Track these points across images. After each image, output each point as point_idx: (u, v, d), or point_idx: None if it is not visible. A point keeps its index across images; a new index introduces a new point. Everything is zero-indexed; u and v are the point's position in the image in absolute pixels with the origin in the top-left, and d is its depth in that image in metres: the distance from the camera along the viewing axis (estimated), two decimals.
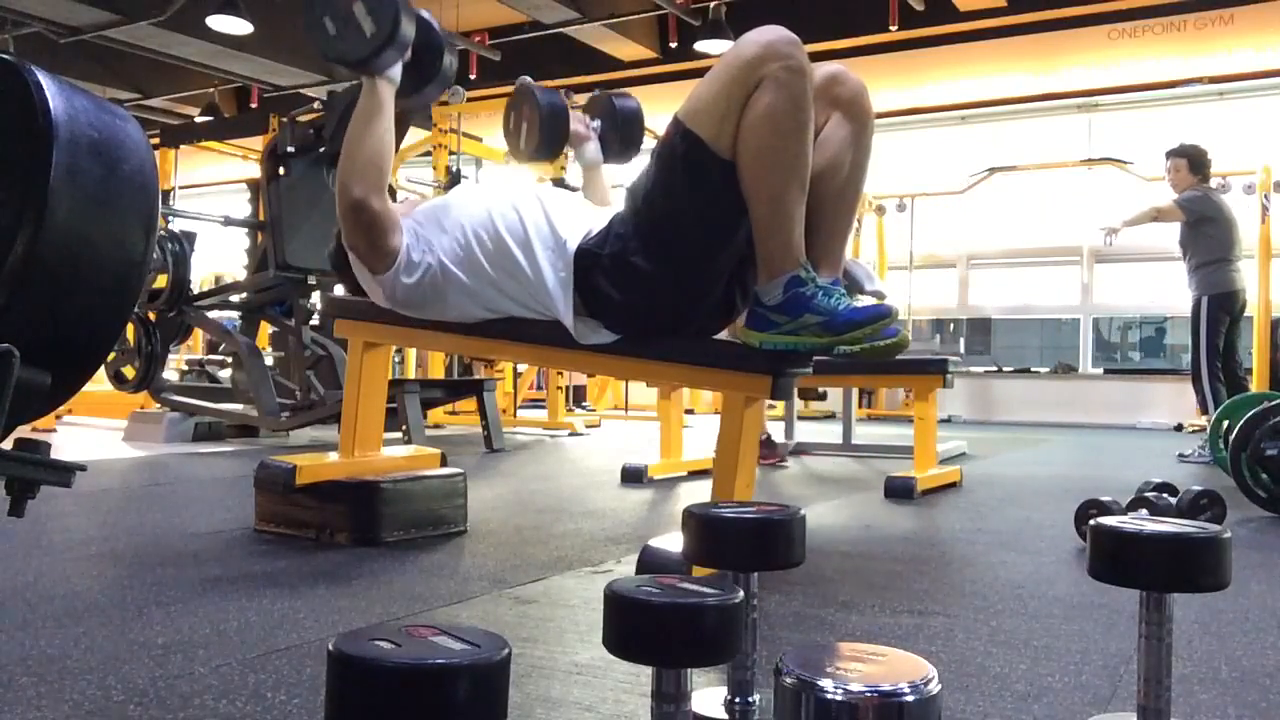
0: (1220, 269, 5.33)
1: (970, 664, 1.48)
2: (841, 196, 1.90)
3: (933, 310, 10.26)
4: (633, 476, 3.84)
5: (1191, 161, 5.43)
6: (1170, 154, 5.51)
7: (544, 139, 2.33)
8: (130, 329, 5.10)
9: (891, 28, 8.08)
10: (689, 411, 9.27)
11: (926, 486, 3.52)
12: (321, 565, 2.12)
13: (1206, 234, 5.31)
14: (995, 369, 9.97)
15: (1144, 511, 2.49)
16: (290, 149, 4.97)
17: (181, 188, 9.93)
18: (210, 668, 1.39)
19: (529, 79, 2.40)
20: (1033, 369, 9.97)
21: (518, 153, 2.42)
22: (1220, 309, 5.34)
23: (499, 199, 2.08)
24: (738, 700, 1.17)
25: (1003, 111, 9.36)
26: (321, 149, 5.02)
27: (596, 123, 2.50)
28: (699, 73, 1.95)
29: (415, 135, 7.23)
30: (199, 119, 10.20)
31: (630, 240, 1.89)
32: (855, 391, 6.40)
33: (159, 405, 5.44)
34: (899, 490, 3.41)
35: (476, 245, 2.03)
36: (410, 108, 2.26)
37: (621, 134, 2.51)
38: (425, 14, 2.16)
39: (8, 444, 1.23)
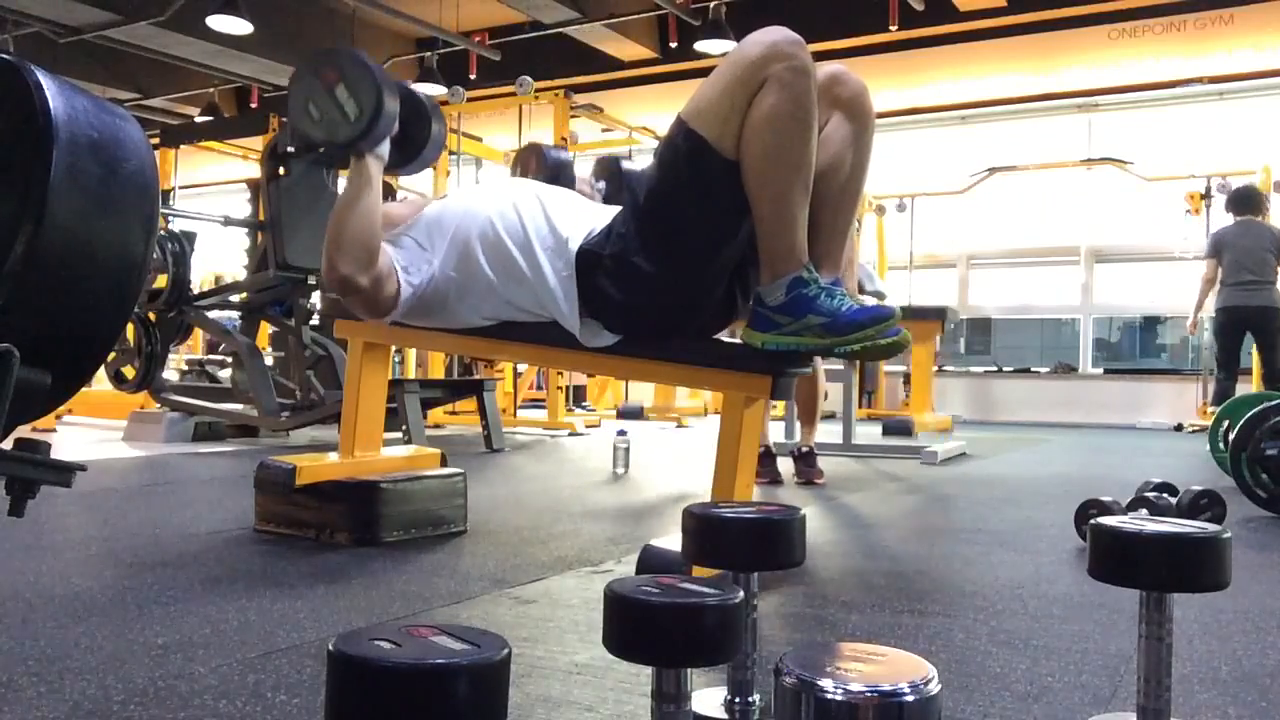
0: (1221, 290, 6.12)
1: (970, 664, 1.48)
2: (842, 196, 1.90)
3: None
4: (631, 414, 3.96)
5: (1230, 202, 6.42)
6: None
7: None
8: (130, 329, 5.10)
9: (891, 28, 8.08)
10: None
11: (924, 429, 3.63)
12: (321, 565, 2.12)
13: (1224, 262, 6.16)
14: (995, 369, 9.97)
15: (1144, 511, 2.49)
16: (290, 149, 4.97)
17: (181, 188, 9.93)
18: (210, 668, 1.39)
19: (539, 145, 2.47)
20: (1033, 369, 9.97)
21: None
22: (1223, 322, 6.14)
23: (497, 200, 2.08)
24: (738, 700, 1.17)
25: (1003, 111, 9.36)
26: (321, 149, 5.02)
27: (601, 184, 2.52)
28: (699, 73, 1.95)
29: None
30: (199, 119, 10.20)
31: (632, 240, 1.88)
32: (855, 391, 6.40)
33: (159, 405, 5.44)
34: (897, 429, 3.52)
35: (478, 248, 2.03)
36: (401, 175, 2.29)
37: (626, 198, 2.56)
38: (407, 84, 2.15)
39: (8, 444, 1.23)
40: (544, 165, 2.39)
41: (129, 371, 5.23)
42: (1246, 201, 6.30)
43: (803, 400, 4.10)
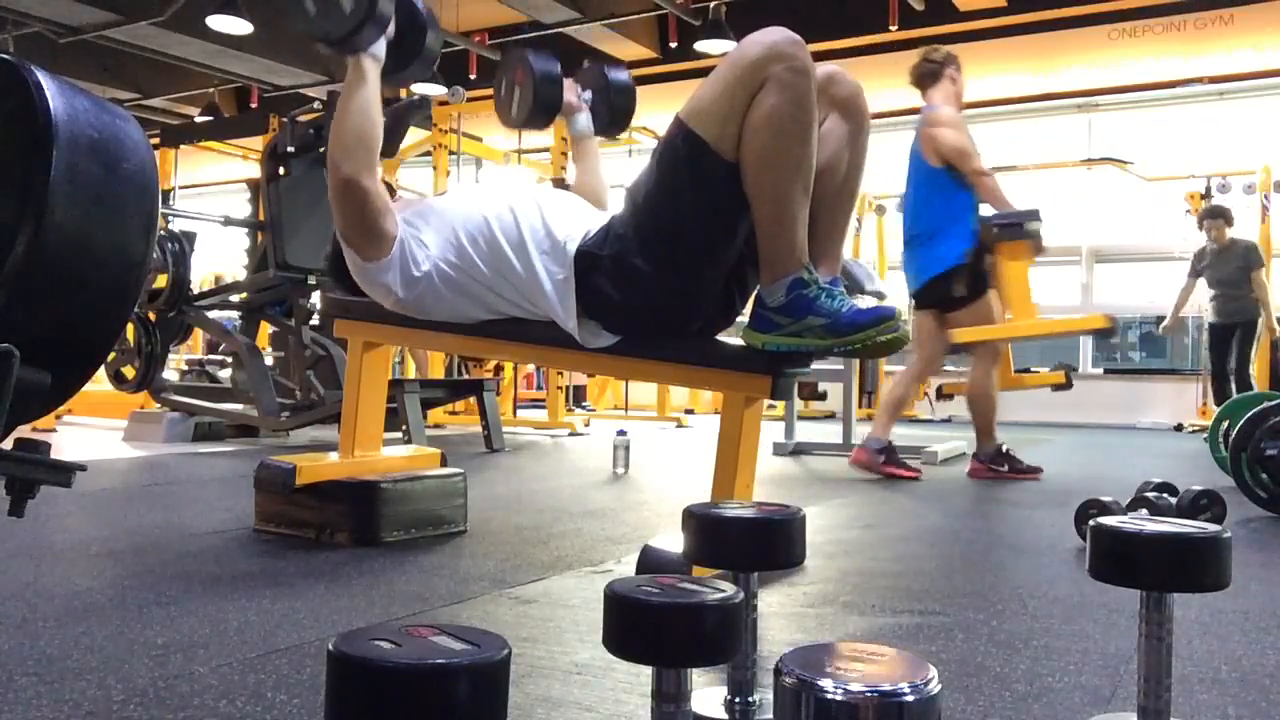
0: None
1: (970, 664, 1.48)
2: (839, 196, 1.90)
3: None
4: None
5: (1227, 220, 6.99)
6: (1208, 216, 7.11)
7: (536, 107, 2.29)
8: (130, 329, 5.10)
9: (891, 28, 8.08)
10: (689, 411, 9.28)
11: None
12: (321, 565, 2.12)
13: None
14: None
15: (1144, 511, 2.48)
16: (290, 149, 4.97)
17: (181, 188, 9.94)
18: (210, 668, 1.39)
19: (525, 52, 2.35)
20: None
21: (508, 120, 2.38)
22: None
23: (493, 201, 2.08)
24: (738, 700, 1.17)
25: (1003, 111, 9.35)
26: (321, 149, 5.02)
27: (588, 93, 2.49)
28: (699, 73, 1.95)
29: (415, 135, 7.23)
30: (199, 119, 10.20)
31: (630, 241, 1.88)
32: (855, 391, 6.42)
33: (159, 405, 5.44)
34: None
35: (471, 248, 2.03)
36: (397, 84, 2.24)
37: (612, 106, 2.50)
38: None
39: (8, 444, 1.23)
40: (530, 76, 2.29)
41: (129, 371, 5.23)
42: (1231, 218, 7.01)
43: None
